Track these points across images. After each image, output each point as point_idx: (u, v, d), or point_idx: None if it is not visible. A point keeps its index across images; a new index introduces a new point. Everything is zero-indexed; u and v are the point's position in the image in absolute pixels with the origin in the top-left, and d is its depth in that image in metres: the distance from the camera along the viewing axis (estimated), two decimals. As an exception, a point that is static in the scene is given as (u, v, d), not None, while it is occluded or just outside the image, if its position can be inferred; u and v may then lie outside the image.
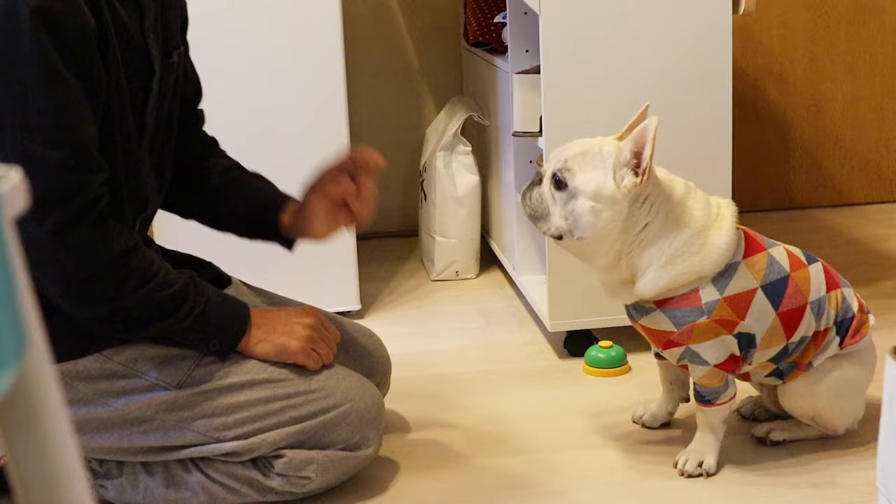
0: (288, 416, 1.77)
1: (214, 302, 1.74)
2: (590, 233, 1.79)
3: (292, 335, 1.79)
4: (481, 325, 2.73)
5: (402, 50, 3.49)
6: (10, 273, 0.65)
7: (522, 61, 2.66)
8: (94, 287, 1.63)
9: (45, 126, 1.55)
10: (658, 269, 1.80)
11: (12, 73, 1.54)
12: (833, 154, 3.69)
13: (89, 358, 1.73)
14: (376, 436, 1.86)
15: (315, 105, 2.66)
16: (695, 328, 1.80)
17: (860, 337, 1.92)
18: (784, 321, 1.84)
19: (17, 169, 1.57)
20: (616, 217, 1.78)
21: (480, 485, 1.91)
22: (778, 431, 1.98)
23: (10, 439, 0.68)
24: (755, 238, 1.88)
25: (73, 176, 1.58)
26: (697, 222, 1.81)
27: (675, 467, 1.88)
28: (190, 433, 1.76)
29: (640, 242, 1.80)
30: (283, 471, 1.78)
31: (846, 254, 3.18)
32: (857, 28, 3.60)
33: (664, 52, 2.36)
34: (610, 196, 1.77)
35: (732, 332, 1.81)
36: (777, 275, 1.84)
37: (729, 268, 1.81)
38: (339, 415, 1.80)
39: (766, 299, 1.82)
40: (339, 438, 1.80)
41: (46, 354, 0.69)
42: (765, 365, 1.89)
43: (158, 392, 1.74)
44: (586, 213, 1.78)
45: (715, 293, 1.80)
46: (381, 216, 3.51)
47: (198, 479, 1.79)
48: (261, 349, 1.78)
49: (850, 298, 1.93)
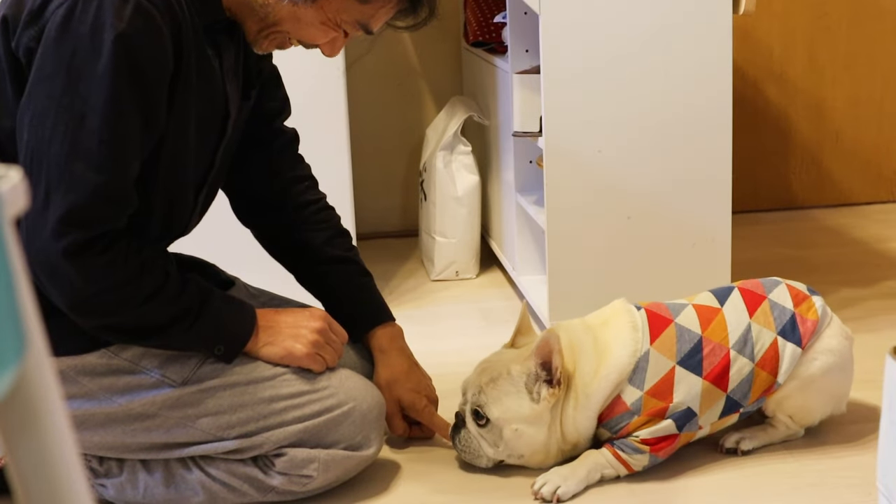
0: (292, 416, 1.78)
1: (219, 308, 1.74)
2: (525, 450, 1.87)
3: (298, 339, 1.79)
4: (481, 325, 2.73)
5: (401, 50, 3.49)
6: (10, 273, 0.65)
7: (522, 61, 2.66)
8: (97, 303, 1.63)
9: (93, 149, 1.56)
10: (586, 410, 1.85)
11: (79, 88, 1.54)
12: (833, 154, 3.69)
13: (95, 353, 1.72)
14: (378, 436, 1.86)
15: (315, 105, 2.66)
16: (629, 428, 1.85)
17: (812, 325, 1.91)
18: (713, 380, 1.86)
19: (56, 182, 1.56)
20: (542, 426, 1.84)
21: (480, 485, 1.91)
22: (748, 441, 1.97)
23: (10, 439, 0.68)
24: (658, 314, 1.90)
25: (105, 205, 1.59)
26: (590, 358, 1.85)
27: (532, 487, 1.85)
28: (193, 430, 1.76)
29: (566, 416, 1.86)
30: (284, 469, 1.78)
31: (846, 254, 3.19)
32: (857, 28, 3.60)
33: (664, 52, 2.36)
34: (530, 415, 1.84)
35: (665, 416, 1.84)
36: (689, 343, 1.87)
37: (640, 362, 1.85)
38: (341, 414, 1.80)
39: (687, 371, 1.85)
40: (341, 438, 1.80)
41: (46, 354, 0.69)
42: (722, 421, 1.91)
43: (163, 389, 1.74)
44: (513, 437, 1.85)
45: (636, 392, 1.84)
46: (381, 216, 3.52)
47: (198, 477, 1.79)
48: (266, 352, 1.78)
49: (782, 299, 1.93)
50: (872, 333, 2.53)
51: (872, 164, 3.71)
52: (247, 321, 1.78)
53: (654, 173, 2.41)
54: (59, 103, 1.55)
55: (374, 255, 3.29)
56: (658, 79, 2.37)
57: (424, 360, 2.06)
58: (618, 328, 1.88)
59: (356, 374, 1.88)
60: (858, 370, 2.28)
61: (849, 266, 3.06)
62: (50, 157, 1.55)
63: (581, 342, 1.88)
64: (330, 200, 2.12)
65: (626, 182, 2.41)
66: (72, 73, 1.54)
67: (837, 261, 3.12)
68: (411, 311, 2.84)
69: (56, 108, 1.55)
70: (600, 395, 1.84)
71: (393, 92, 3.50)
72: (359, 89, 3.38)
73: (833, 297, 2.76)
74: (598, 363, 1.85)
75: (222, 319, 1.74)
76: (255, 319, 1.78)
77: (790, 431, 1.98)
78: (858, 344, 2.46)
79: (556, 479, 1.83)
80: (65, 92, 1.54)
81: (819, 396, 1.94)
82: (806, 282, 2.02)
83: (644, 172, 2.41)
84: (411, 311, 2.85)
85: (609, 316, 1.91)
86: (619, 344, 1.86)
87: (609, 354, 1.86)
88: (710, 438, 2.01)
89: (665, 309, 1.91)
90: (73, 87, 1.54)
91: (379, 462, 1.95)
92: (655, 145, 2.40)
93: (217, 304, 1.74)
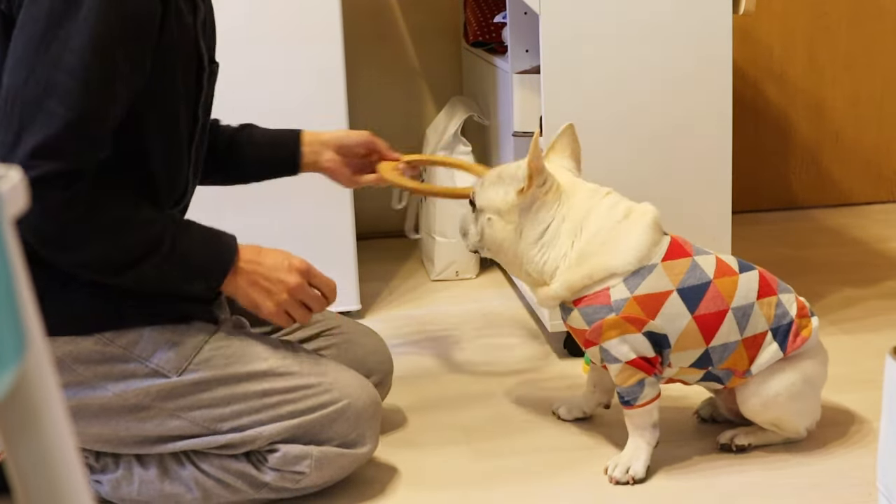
0: (286, 410, 1.77)
1: (197, 241, 1.72)
2: (490, 243, 1.94)
3: (270, 295, 1.76)
4: (481, 325, 2.74)
5: (402, 50, 3.49)
6: (10, 273, 0.65)
7: (522, 61, 2.66)
8: (67, 237, 1.61)
9: (67, 87, 1.55)
10: (566, 271, 1.87)
11: (59, 32, 1.54)
12: (833, 154, 3.69)
13: (90, 340, 1.71)
14: (373, 434, 1.86)
15: (315, 105, 2.66)
16: (603, 325, 1.84)
17: (801, 341, 1.91)
18: (701, 325, 1.86)
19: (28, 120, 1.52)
20: (508, 225, 1.91)
21: (480, 485, 1.91)
22: (742, 436, 1.98)
23: (10, 439, 0.68)
24: (682, 245, 1.91)
25: (76, 140, 1.57)
26: (601, 223, 1.88)
27: (605, 473, 1.89)
28: (186, 423, 1.76)
29: (541, 246, 1.89)
30: (276, 465, 1.78)
31: (846, 254, 3.19)
32: (857, 28, 3.60)
33: (664, 52, 2.36)
34: (500, 207, 1.91)
35: (640, 330, 1.83)
36: (697, 280, 1.87)
37: (643, 269, 1.85)
38: (336, 411, 1.80)
39: (682, 301, 1.85)
40: (335, 435, 1.80)
41: (47, 354, 0.69)
42: (689, 370, 1.90)
43: (158, 379, 1.74)
44: (486, 225, 1.93)
45: (625, 292, 1.84)
46: (381, 216, 3.52)
47: (192, 473, 1.79)
48: (239, 298, 1.77)
49: (789, 304, 1.93)
50: (872, 333, 2.53)
51: (872, 164, 3.71)
52: (225, 257, 1.74)
53: (654, 173, 2.41)
54: (38, 48, 1.55)
55: (374, 255, 3.29)
56: (658, 79, 2.37)
57: (424, 360, 2.07)
58: (635, 223, 1.88)
59: (351, 371, 1.88)
60: (858, 370, 2.29)
61: (849, 266, 3.06)
62: (24, 97, 1.55)
63: (602, 203, 1.90)
64: (330, 200, 2.12)
65: (626, 182, 2.41)
66: (53, 17, 1.54)
67: (837, 261, 3.12)
68: (411, 311, 2.84)
69: (35, 51, 1.55)
70: (586, 260, 1.86)
71: (393, 92, 3.50)
72: (359, 89, 3.38)
73: (833, 297, 2.76)
74: (599, 230, 1.87)
75: (200, 253, 1.72)
76: (234, 255, 1.74)
77: (789, 435, 1.98)
78: (858, 344, 2.47)
79: (622, 463, 1.88)
80: (44, 36, 1.55)
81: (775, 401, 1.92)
82: (806, 282, 2.02)
83: (644, 172, 2.41)
84: (411, 311, 2.85)
85: (635, 211, 1.91)
86: (629, 235, 1.87)
87: (614, 237, 1.87)
88: (710, 438, 2.01)
89: (690, 246, 1.92)
90: (53, 31, 1.54)
91: (377, 462, 1.95)
92: (655, 145, 2.40)
93: (195, 236, 1.72)
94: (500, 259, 1.98)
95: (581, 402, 2.12)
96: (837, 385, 2.13)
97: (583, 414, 2.12)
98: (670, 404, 2.15)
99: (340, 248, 2.70)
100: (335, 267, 2.72)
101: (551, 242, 1.88)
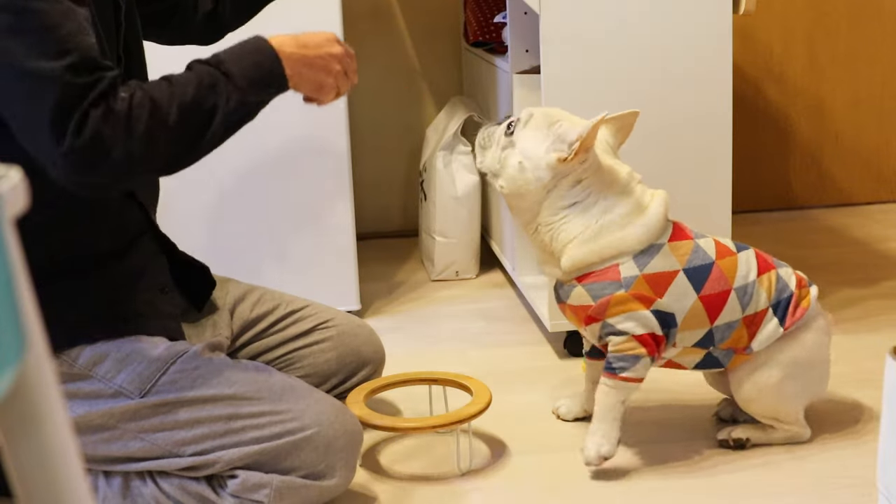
0: (249, 436, 1.71)
1: (237, 55, 1.67)
2: (509, 184, 1.92)
3: (328, 72, 1.75)
4: (481, 325, 2.74)
5: (402, 50, 3.49)
6: (10, 273, 0.65)
7: (522, 61, 2.67)
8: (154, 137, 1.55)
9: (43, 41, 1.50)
10: (580, 244, 1.88)
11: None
12: (833, 154, 3.69)
13: (54, 361, 1.66)
14: (345, 466, 1.75)
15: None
16: (611, 300, 1.85)
17: (802, 312, 1.93)
18: (706, 304, 1.87)
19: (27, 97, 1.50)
20: (536, 182, 1.89)
21: (480, 484, 1.91)
22: (740, 430, 1.98)
23: (10, 439, 0.68)
24: (684, 229, 1.95)
25: (87, 75, 1.52)
26: (627, 206, 1.89)
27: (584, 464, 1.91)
28: (149, 445, 1.71)
29: (564, 217, 1.90)
30: (235, 492, 1.71)
31: (847, 254, 3.19)
32: (857, 28, 3.60)
33: (664, 51, 2.36)
34: (536, 159, 1.89)
35: (649, 307, 1.85)
36: (701, 261, 1.90)
37: (652, 248, 1.88)
38: (303, 439, 1.71)
39: (688, 281, 1.87)
40: (300, 464, 1.71)
41: (46, 354, 0.69)
42: (692, 350, 1.91)
43: (121, 400, 1.70)
44: (512, 164, 1.91)
45: (635, 269, 1.86)
46: (381, 216, 3.52)
47: (152, 491, 1.75)
48: (304, 84, 1.73)
49: (787, 277, 1.95)
50: (872, 333, 2.53)
51: (872, 164, 3.71)
52: (268, 53, 1.69)
53: (654, 173, 2.41)
54: None
55: (374, 255, 3.29)
56: (658, 79, 2.37)
57: (424, 360, 2.07)
58: (652, 204, 1.91)
59: (331, 400, 1.79)
60: (858, 370, 2.29)
61: (849, 266, 3.06)
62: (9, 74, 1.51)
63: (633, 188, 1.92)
64: (330, 200, 2.12)
65: (626, 182, 2.41)
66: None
67: (837, 261, 3.12)
68: (411, 311, 2.84)
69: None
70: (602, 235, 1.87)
71: (393, 92, 3.50)
72: (359, 89, 3.38)
73: (833, 297, 2.76)
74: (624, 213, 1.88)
75: (250, 72, 1.66)
76: (272, 52, 1.69)
77: (790, 434, 1.98)
78: (858, 344, 2.47)
79: (592, 444, 1.88)
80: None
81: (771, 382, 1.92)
82: (806, 282, 2.02)
83: (644, 172, 2.40)
84: (411, 311, 2.85)
85: (654, 195, 1.94)
86: (646, 214, 1.90)
87: (633, 216, 1.89)
88: (709, 437, 2.01)
89: (689, 230, 1.95)
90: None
91: (376, 462, 1.95)
92: (655, 145, 2.40)
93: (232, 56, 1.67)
94: (511, 202, 1.96)
95: (581, 401, 2.13)
96: (837, 385, 2.13)
97: (583, 413, 2.12)
98: (674, 403, 2.15)
99: (340, 249, 2.70)
100: (335, 267, 2.73)
101: (576, 215, 1.89)
